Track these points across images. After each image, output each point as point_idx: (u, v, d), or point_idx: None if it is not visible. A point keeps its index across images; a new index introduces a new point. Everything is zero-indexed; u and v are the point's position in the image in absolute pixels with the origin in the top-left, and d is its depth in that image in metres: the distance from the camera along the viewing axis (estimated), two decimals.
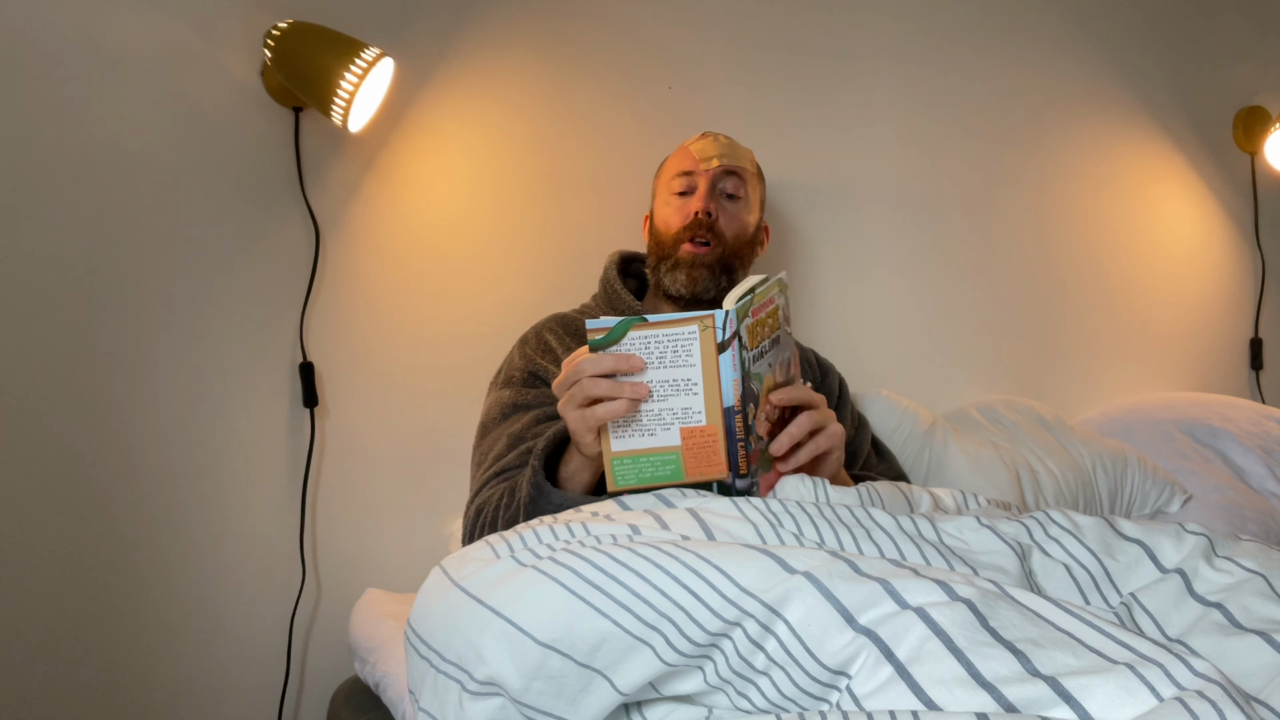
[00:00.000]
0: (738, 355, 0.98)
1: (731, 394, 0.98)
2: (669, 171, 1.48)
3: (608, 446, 1.02)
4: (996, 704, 0.64)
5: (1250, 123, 2.25)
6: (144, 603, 1.43)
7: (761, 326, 1.04)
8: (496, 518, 1.17)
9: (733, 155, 1.45)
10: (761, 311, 1.04)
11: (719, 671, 0.77)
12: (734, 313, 0.97)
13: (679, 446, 1.00)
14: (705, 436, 0.99)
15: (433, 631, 0.86)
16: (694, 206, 1.41)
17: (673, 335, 0.98)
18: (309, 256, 1.52)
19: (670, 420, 1.00)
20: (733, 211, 1.44)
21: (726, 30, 1.79)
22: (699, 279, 1.40)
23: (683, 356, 0.98)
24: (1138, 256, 2.17)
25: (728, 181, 1.45)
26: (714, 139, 1.47)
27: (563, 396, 1.05)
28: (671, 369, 0.98)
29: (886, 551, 0.89)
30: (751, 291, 1.02)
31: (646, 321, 0.98)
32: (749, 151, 1.50)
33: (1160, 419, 1.95)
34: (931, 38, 1.95)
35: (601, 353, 1.00)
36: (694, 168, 1.44)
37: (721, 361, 0.97)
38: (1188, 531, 0.94)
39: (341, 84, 1.38)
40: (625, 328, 0.99)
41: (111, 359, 1.41)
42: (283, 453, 1.51)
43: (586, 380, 1.00)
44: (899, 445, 1.66)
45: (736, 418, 0.99)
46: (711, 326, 0.97)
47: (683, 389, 0.99)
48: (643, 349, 0.98)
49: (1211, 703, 0.60)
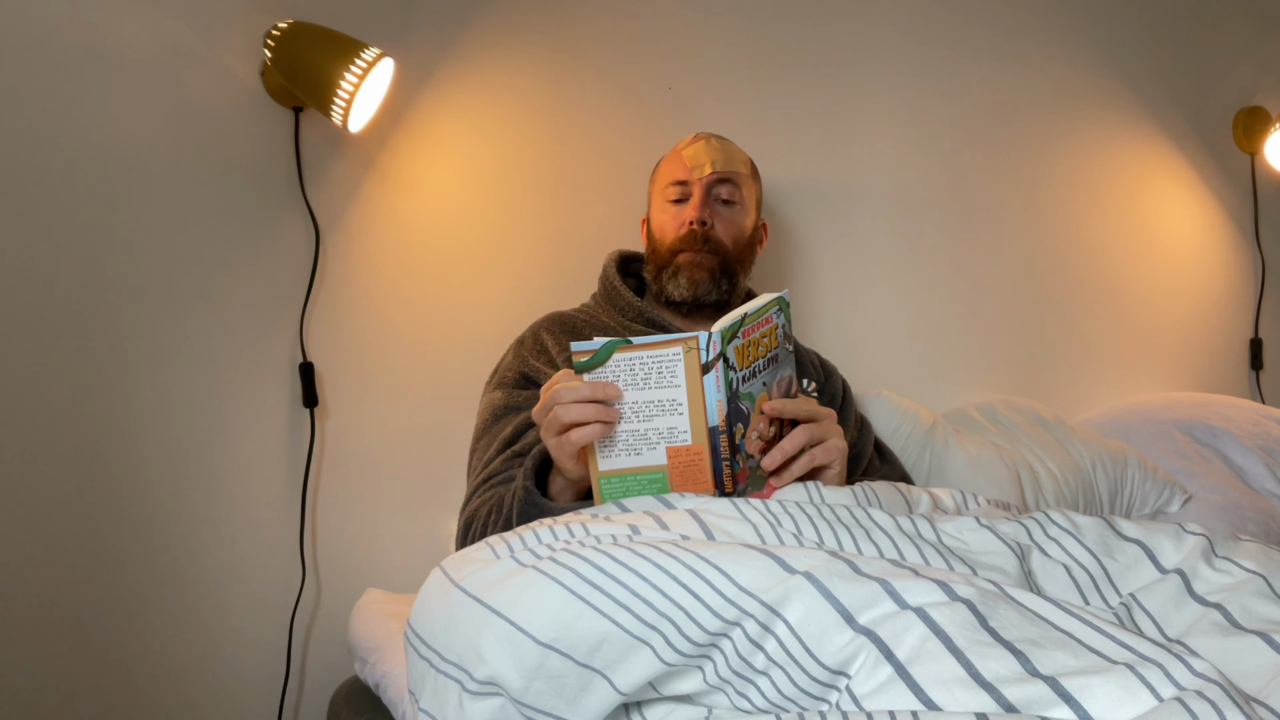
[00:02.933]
0: (723, 376, 0.98)
1: (716, 414, 0.99)
2: (663, 178, 1.47)
3: (594, 466, 1.03)
4: (996, 704, 0.64)
5: (1250, 123, 2.25)
6: (144, 602, 1.43)
7: (754, 346, 1.04)
8: (486, 533, 1.18)
9: (726, 160, 1.43)
10: (755, 331, 1.04)
11: (719, 671, 0.77)
12: (718, 335, 0.98)
13: (665, 465, 1.01)
14: (691, 455, 1.00)
15: (433, 632, 0.86)
16: (688, 216, 1.40)
17: (657, 357, 0.99)
18: (309, 256, 1.52)
19: (656, 440, 1.00)
20: (729, 217, 1.43)
21: (726, 30, 1.79)
22: (700, 281, 1.39)
23: (667, 378, 0.99)
24: (1138, 256, 2.17)
25: (722, 188, 1.43)
26: (706, 142, 1.45)
27: (541, 424, 1.06)
28: (657, 390, 0.99)
29: (886, 552, 0.89)
30: (744, 315, 1.02)
31: (631, 344, 0.99)
32: (742, 153, 1.48)
33: (1160, 419, 1.95)
34: (932, 38, 1.95)
35: (578, 381, 1.01)
36: (687, 176, 1.42)
37: (706, 382, 0.98)
38: (1187, 532, 0.94)
39: (341, 84, 1.38)
40: (610, 350, 0.99)
41: (111, 359, 1.41)
42: (283, 453, 1.51)
43: (559, 408, 1.02)
44: (900, 446, 1.66)
45: (722, 437, 0.99)
46: (695, 348, 0.98)
47: (668, 409, 0.99)
48: (627, 370, 0.99)
49: (1211, 703, 0.60)
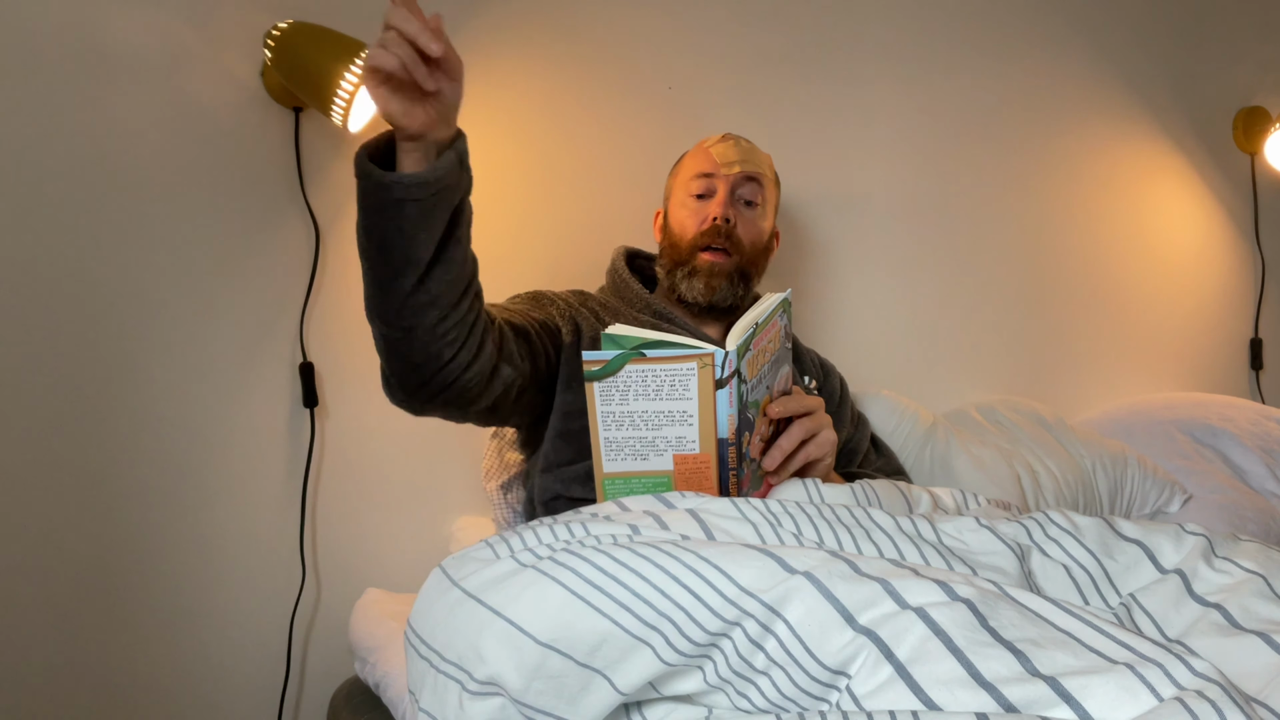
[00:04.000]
0: (735, 391, 0.98)
1: (726, 428, 0.98)
2: (687, 171, 1.45)
3: (599, 465, 1.02)
4: (996, 704, 0.64)
5: (1250, 123, 2.25)
6: (144, 602, 1.43)
7: (763, 355, 1.03)
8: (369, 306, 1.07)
9: (754, 161, 1.43)
10: (764, 339, 1.03)
11: (719, 671, 0.77)
12: (734, 353, 0.97)
13: (670, 471, 1.00)
14: (698, 463, 1.00)
15: (433, 631, 0.86)
16: (713, 211, 1.39)
17: (671, 371, 0.97)
18: (309, 256, 1.52)
19: (664, 447, 1.00)
20: (750, 219, 1.42)
21: (726, 30, 1.79)
22: (717, 287, 1.38)
23: (679, 390, 0.98)
24: (1138, 256, 2.17)
25: (746, 188, 1.42)
26: (735, 142, 1.44)
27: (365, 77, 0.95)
28: (668, 401, 0.98)
29: (886, 551, 0.89)
30: (755, 326, 1.01)
31: (644, 356, 0.97)
32: (768, 157, 1.48)
33: (1160, 419, 1.95)
34: (932, 39, 1.95)
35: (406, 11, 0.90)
36: (714, 170, 1.41)
37: (719, 398, 0.97)
38: (1187, 532, 0.94)
39: (341, 84, 1.38)
40: (622, 361, 0.98)
41: (111, 359, 1.41)
42: (283, 453, 1.51)
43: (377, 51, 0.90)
44: (899, 445, 1.66)
45: (730, 449, 0.99)
46: (711, 365, 0.96)
47: (678, 420, 0.99)
48: (639, 381, 0.98)
49: (1211, 703, 0.60)
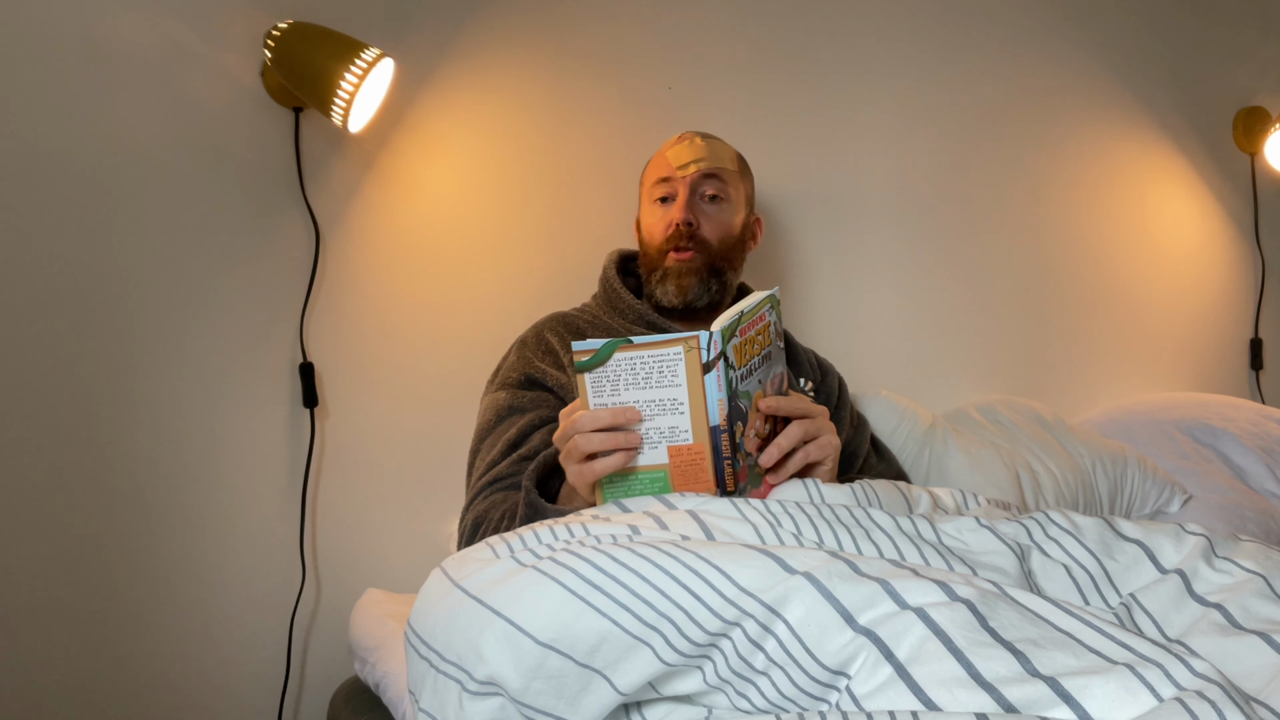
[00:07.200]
0: (723, 375, 0.99)
1: (717, 413, 0.99)
2: (649, 177, 1.47)
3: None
4: (996, 704, 0.64)
5: (1250, 123, 2.25)
6: (144, 602, 1.43)
7: (751, 344, 1.04)
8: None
9: (711, 157, 1.42)
10: (751, 329, 1.04)
11: (718, 671, 0.77)
12: (719, 334, 0.98)
13: (666, 464, 1.01)
14: (692, 454, 1.00)
15: (433, 632, 0.86)
16: (674, 216, 1.40)
17: (658, 356, 0.99)
18: (309, 256, 1.52)
19: (658, 439, 1.01)
20: (715, 215, 1.42)
21: (726, 30, 1.79)
22: (688, 288, 1.39)
23: (668, 377, 0.99)
24: (1137, 256, 2.17)
25: (707, 185, 1.42)
26: (690, 142, 1.44)
27: (562, 450, 1.06)
28: (658, 389, 1.00)
29: (886, 552, 0.89)
30: (741, 314, 1.03)
31: (632, 343, 0.99)
32: (729, 148, 1.47)
33: (1160, 419, 1.95)
34: (931, 39, 1.95)
35: (598, 409, 1.01)
36: (671, 174, 1.42)
37: (707, 381, 0.98)
38: (1187, 532, 0.94)
39: (341, 84, 1.38)
40: (611, 349, 0.99)
41: (111, 359, 1.41)
42: (283, 453, 1.51)
43: (579, 437, 1.01)
44: (899, 445, 1.66)
45: (723, 436, 1.00)
46: (696, 347, 0.98)
47: (669, 408, 1.00)
48: (628, 369, 0.99)
49: (1211, 703, 0.60)
